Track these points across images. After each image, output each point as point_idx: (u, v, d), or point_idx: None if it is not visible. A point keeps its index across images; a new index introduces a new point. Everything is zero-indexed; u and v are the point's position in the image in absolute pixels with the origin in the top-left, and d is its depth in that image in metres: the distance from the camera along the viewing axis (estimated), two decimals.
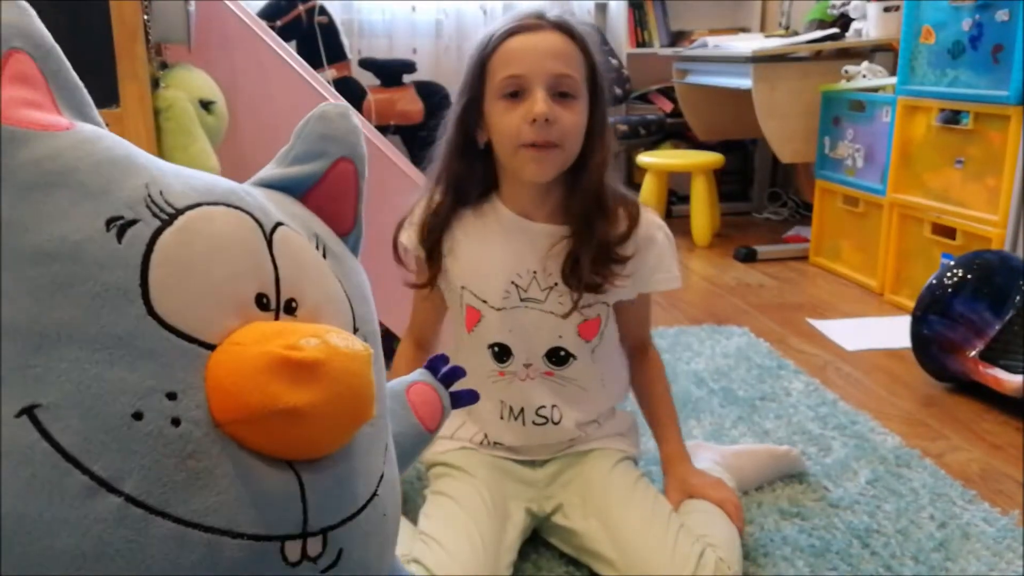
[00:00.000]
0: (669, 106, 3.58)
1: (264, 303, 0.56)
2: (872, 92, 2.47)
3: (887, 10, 2.62)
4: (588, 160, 1.07)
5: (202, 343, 0.52)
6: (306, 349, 0.51)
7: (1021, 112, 1.90)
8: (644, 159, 3.15)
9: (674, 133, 3.57)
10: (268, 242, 0.58)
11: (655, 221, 1.13)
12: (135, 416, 0.49)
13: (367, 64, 3.28)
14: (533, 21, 1.03)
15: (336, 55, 3.11)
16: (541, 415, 1.14)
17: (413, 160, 2.53)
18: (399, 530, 1.06)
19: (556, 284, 1.09)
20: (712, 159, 3.09)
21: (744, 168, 3.71)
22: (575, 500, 1.13)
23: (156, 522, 0.48)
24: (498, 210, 1.11)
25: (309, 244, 0.63)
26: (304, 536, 0.54)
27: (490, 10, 3.56)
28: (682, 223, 3.19)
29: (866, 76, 2.57)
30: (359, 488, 0.59)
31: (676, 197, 3.50)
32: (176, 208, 0.54)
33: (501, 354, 1.13)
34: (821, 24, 2.99)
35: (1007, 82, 1.92)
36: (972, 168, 2.08)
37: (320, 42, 3.03)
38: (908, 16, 2.25)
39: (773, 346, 1.96)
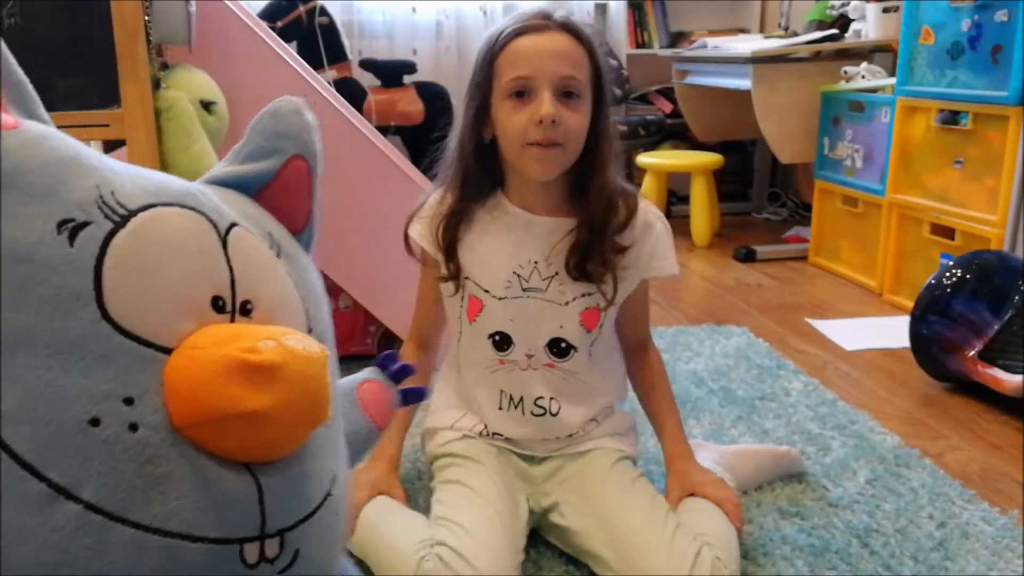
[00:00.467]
0: (669, 107, 3.59)
1: (220, 305, 0.56)
2: (871, 93, 2.47)
3: (886, 11, 2.63)
4: (592, 157, 1.09)
5: (158, 347, 0.52)
6: (264, 352, 0.50)
7: (1020, 112, 1.90)
8: (644, 160, 3.15)
9: (674, 134, 3.57)
10: (223, 243, 0.58)
11: (653, 210, 1.16)
12: (92, 422, 0.48)
13: (367, 65, 3.28)
14: (540, 22, 1.05)
15: (337, 56, 3.11)
16: (540, 405, 1.16)
17: (413, 160, 2.54)
18: (408, 521, 1.07)
19: (556, 273, 1.12)
20: (711, 159, 3.10)
21: (743, 168, 3.71)
22: (573, 499, 1.13)
23: (116, 528, 0.48)
24: (503, 205, 1.13)
25: (263, 244, 0.63)
26: (262, 538, 0.54)
27: (490, 11, 3.56)
28: (682, 223, 3.19)
29: (865, 77, 2.57)
30: (313, 489, 0.59)
31: (676, 197, 3.50)
32: (129, 209, 0.53)
33: (502, 343, 1.14)
34: (820, 25, 2.99)
35: (1006, 82, 1.92)
36: (971, 168, 2.08)
37: (321, 43, 3.03)
38: (907, 17, 2.26)
39: (772, 346, 1.97)
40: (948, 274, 1.73)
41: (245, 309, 0.58)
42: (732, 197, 3.64)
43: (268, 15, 2.94)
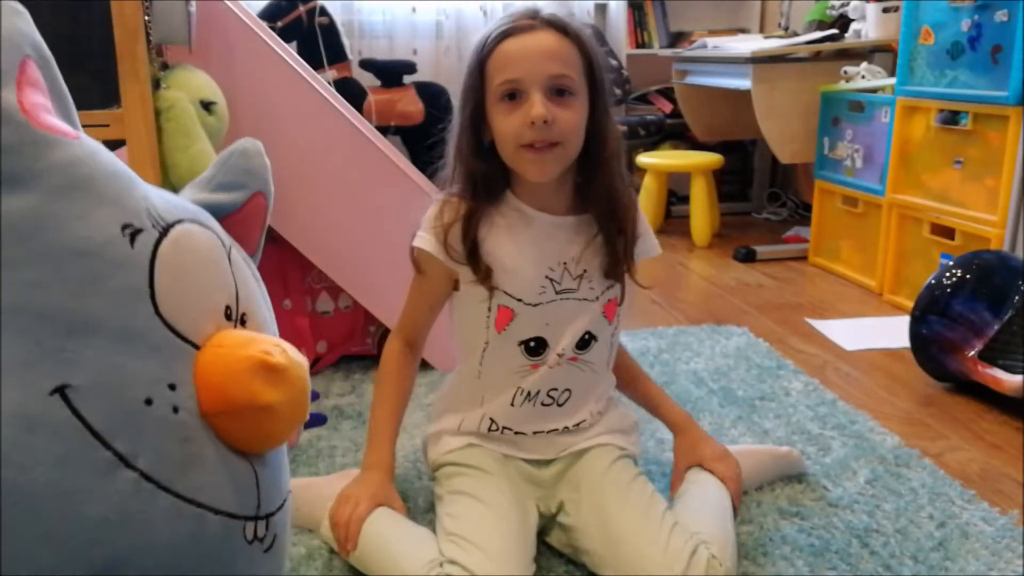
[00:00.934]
0: (669, 107, 3.59)
1: (228, 314, 0.64)
2: (871, 93, 2.47)
3: (886, 11, 2.63)
4: (598, 151, 1.09)
5: (192, 343, 0.60)
6: (277, 356, 0.59)
7: (1020, 112, 1.90)
8: (644, 160, 3.15)
9: (674, 134, 3.57)
10: (228, 260, 0.67)
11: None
12: (147, 402, 0.55)
13: (367, 65, 3.28)
14: (526, 22, 1.04)
15: (337, 56, 3.11)
16: (551, 396, 1.16)
17: (413, 160, 2.54)
18: (415, 538, 1.07)
19: (585, 271, 1.12)
20: (711, 160, 3.10)
21: (743, 168, 3.71)
22: (574, 496, 1.13)
23: (161, 496, 0.55)
24: (518, 207, 1.12)
25: (249, 266, 0.73)
26: (256, 519, 0.62)
27: (490, 10, 3.57)
28: (682, 223, 3.19)
29: (865, 77, 2.57)
30: (285, 481, 0.69)
31: (676, 197, 3.50)
32: (167, 221, 0.61)
33: (537, 348, 1.13)
34: (820, 25, 2.99)
35: (1006, 82, 1.92)
36: (971, 168, 2.08)
37: (321, 43, 3.03)
38: (907, 17, 2.26)
39: (772, 346, 1.97)
40: (948, 274, 1.73)
41: (243, 320, 0.67)
42: (732, 197, 3.64)
43: (268, 15, 2.94)
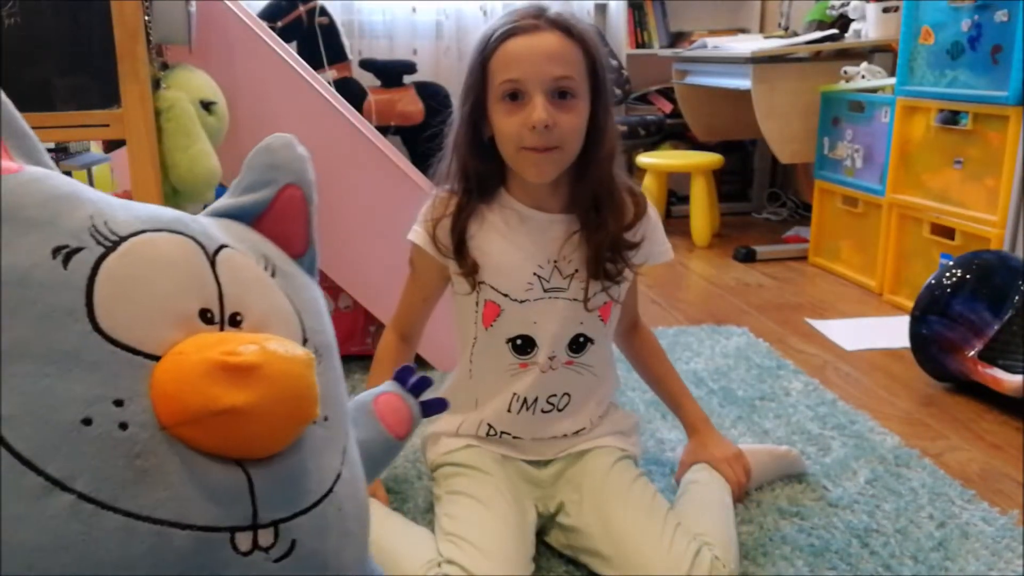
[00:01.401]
0: (669, 107, 3.59)
1: (208, 317, 0.62)
2: (871, 93, 2.47)
3: (886, 11, 2.63)
4: (595, 152, 1.08)
5: (146, 354, 0.57)
6: (244, 354, 0.56)
7: (1020, 112, 1.90)
8: (644, 160, 3.15)
9: (674, 134, 3.57)
10: (212, 262, 0.64)
11: (648, 202, 1.19)
12: (84, 422, 0.54)
13: (367, 65, 3.28)
14: (530, 22, 1.03)
15: (337, 56, 3.11)
16: (550, 403, 1.16)
17: (413, 160, 2.54)
18: (414, 537, 1.06)
19: (576, 271, 1.12)
20: (711, 160, 3.10)
21: (743, 169, 3.71)
22: (575, 497, 1.13)
23: (106, 516, 0.53)
24: (511, 204, 1.12)
25: (255, 263, 0.69)
26: (255, 528, 0.59)
27: (490, 10, 3.57)
28: (682, 223, 3.19)
29: (865, 77, 2.57)
30: (310, 484, 0.64)
31: (676, 197, 3.50)
32: (120, 235, 0.60)
33: (524, 346, 1.13)
34: (820, 25, 2.99)
35: (1006, 82, 1.92)
36: (971, 168, 2.08)
37: (321, 43, 3.03)
38: (907, 17, 2.26)
39: (772, 346, 1.97)
40: (948, 274, 1.73)
41: (235, 320, 0.63)
42: (732, 197, 3.64)
43: (268, 15, 2.94)
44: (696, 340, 2.00)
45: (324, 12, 3.07)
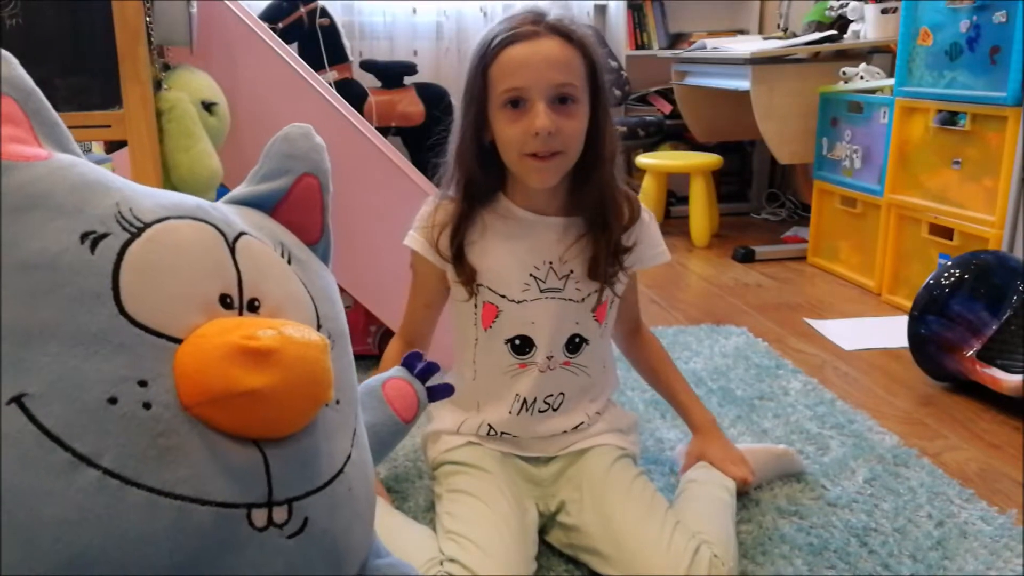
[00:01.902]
0: (668, 108, 3.59)
1: (228, 302, 0.64)
2: (870, 93, 2.48)
3: (885, 12, 2.63)
4: (596, 155, 1.09)
5: (169, 337, 0.60)
6: (263, 339, 0.58)
7: (1018, 113, 1.91)
8: (643, 160, 3.16)
9: (673, 134, 3.58)
10: (231, 249, 0.66)
11: (642, 205, 1.20)
12: (110, 401, 0.56)
13: (368, 66, 3.29)
14: (530, 28, 1.03)
15: (337, 57, 3.12)
16: (547, 402, 1.16)
17: (413, 161, 2.54)
18: (415, 536, 1.07)
19: (572, 272, 1.13)
20: (711, 160, 3.10)
21: (742, 169, 3.72)
22: (575, 496, 1.14)
23: (130, 491, 0.55)
24: (509, 208, 1.13)
25: (273, 251, 0.71)
26: (270, 505, 0.61)
27: (490, 11, 3.57)
28: (681, 224, 3.20)
29: (864, 77, 2.58)
30: (322, 465, 0.66)
31: (675, 198, 3.51)
32: (144, 222, 0.62)
33: (523, 346, 1.14)
34: (819, 26, 3.00)
35: (1004, 83, 1.93)
36: (969, 169, 2.09)
37: (321, 44, 3.04)
38: (906, 18, 2.26)
39: (771, 346, 1.97)
40: (946, 274, 1.73)
41: (253, 306, 0.65)
42: (731, 198, 3.65)
43: (269, 16, 2.94)
44: (695, 340, 2.01)
45: (325, 13, 3.07)
